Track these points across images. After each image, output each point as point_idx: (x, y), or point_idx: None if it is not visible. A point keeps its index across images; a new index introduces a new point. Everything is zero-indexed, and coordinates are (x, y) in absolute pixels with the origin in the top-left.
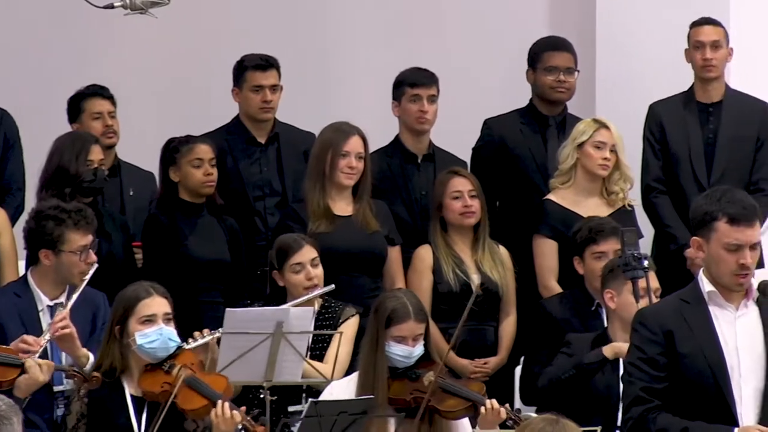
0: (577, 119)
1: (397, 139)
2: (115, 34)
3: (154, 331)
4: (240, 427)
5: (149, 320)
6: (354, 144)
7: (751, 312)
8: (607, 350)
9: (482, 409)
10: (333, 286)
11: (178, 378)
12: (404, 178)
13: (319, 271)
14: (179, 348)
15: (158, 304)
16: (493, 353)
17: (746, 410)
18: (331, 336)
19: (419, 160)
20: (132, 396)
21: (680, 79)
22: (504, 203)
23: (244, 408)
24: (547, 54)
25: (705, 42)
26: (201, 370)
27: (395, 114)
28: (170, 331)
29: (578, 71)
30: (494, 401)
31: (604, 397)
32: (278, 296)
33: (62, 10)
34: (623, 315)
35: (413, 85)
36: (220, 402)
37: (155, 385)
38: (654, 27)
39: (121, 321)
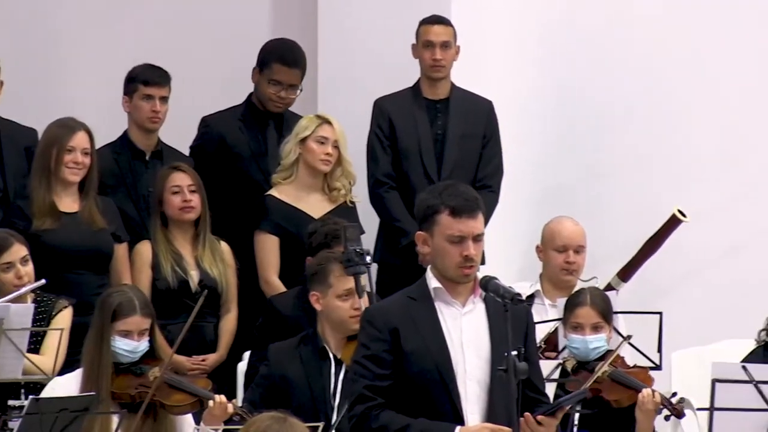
0: (297, 116)
1: (125, 135)
2: None
3: None
4: None
5: None
6: (79, 140)
7: (477, 308)
8: None
9: (210, 403)
10: (44, 281)
11: None
12: (132, 175)
13: (29, 269)
14: None
15: None
16: (212, 350)
17: (471, 407)
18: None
19: (147, 157)
20: None
21: (404, 75)
22: (225, 200)
23: None
24: (276, 66)
25: (435, 42)
26: None
27: (126, 110)
28: None
29: (301, 90)
30: (222, 396)
31: (322, 398)
32: None
33: None
34: (330, 317)
35: (147, 83)
36: None
37: None
38: (377, 24)
39: None
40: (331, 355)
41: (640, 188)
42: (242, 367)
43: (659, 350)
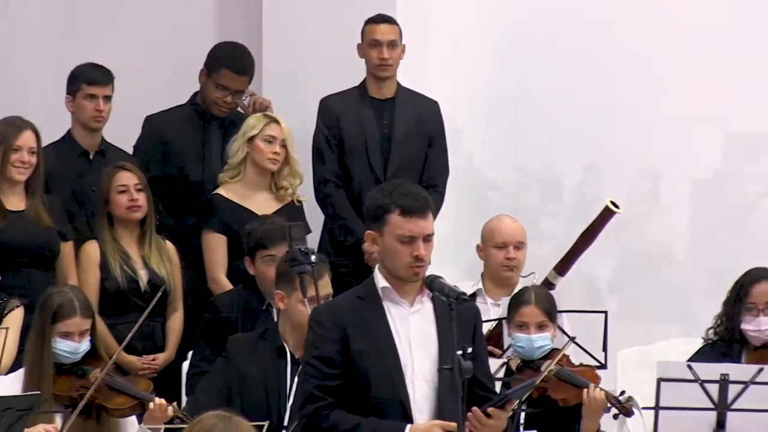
0: (242, 116)
1: (68, 134)
2: None
3: None
4: None
5: None
6: (26, 138)
7: (425, 308)
8: None
9: (150, 405)
10: (0, 277)
11: None
12: (76, 174)
13: None
14: None
15: None
16: (160, 349)
17: (420, 406)
18: None
19: (91, 156)
20: None
21: (350, 74)
22: (169, 200)
23: None
24: (225, 71)
25: (382, 41)
26: None
27: (69, 109)
28: None
29: (250, 95)
30: (162, 400)
31: (276, 396)
32: None
33: None
34: (292, 318)
35: (90, 82)
36: None
37: None
38: (322, 23)
39: None
40: (288, 354)
41: (583, 187)
42: (186, 366)
43: (604, 349)
